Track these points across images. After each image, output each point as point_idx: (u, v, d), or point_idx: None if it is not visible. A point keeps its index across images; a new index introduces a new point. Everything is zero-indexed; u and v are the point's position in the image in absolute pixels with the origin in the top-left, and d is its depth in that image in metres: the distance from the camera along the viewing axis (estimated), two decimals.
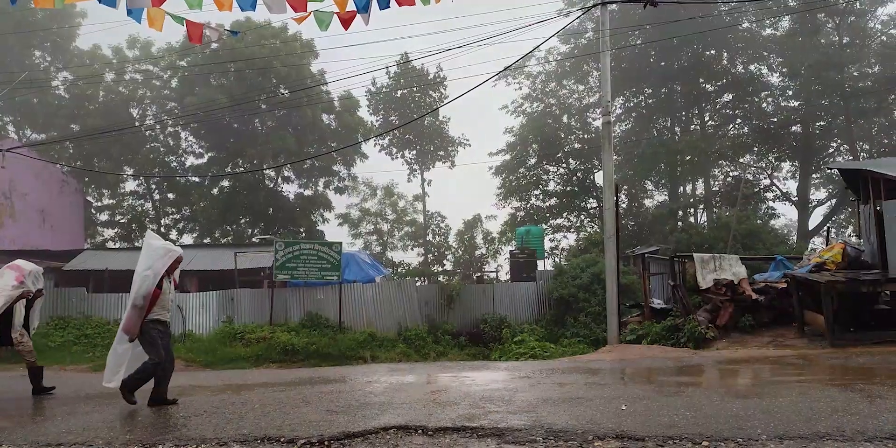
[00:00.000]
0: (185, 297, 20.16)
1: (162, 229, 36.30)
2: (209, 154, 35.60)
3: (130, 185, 36.62)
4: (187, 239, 36.48)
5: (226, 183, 35.05)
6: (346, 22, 9.04)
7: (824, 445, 4.71)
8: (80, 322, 18.99)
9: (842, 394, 6.52)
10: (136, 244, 34.13)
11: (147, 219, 36.31)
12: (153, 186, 36.12)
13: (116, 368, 7.34)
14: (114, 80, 34.16)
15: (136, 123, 33.45)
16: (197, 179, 35.15)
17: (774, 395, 6.55)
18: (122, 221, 36.05)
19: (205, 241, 34.40)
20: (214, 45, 31.38)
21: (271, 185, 35.78)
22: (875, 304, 12.14)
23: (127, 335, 7.28)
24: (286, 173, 36.19)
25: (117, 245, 35.32)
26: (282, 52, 32.24)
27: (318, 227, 36.47)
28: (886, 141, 32.11)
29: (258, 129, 34.16)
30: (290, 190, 36.93)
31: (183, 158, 36.24)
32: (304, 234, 34.25)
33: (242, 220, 35.69)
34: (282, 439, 5.37)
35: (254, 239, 32.02)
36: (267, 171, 34.81)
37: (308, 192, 36.80)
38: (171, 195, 36.39)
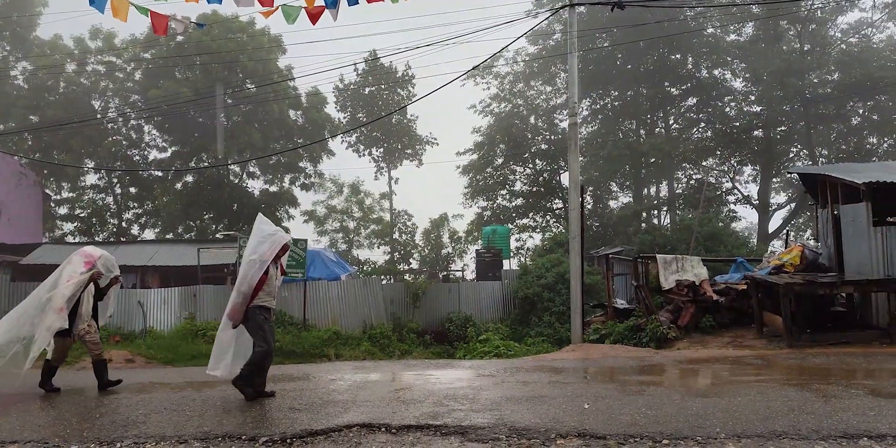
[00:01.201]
0: (147, 292, 19.86)
1: (123, 224, 35.71)
2: (173, 148, 35.07)
3: (91, 179, 35.96)
4: (149, 234, 35.98)
5: (190, 178, 34.56)
6: (314, 17, 8.99)
7: (781, 444, 4.81)
8: None
9: (798, 393, 6.66)
10: (97, 239, 33.55)
11: (108, 213, 35.66)
12: (115, 180, 35.46)
13: (221, 356, 7.19)
14: (75, 71, 33.43)
15: (98, 116, 32.81)
16: (160, 174, 34.61)
17: (733, 395, 6.67)
18: (81, 215, 35.32)
19: (167, 236, 33.91)
20: (180, 38, 30.91)
21: (236, 181, 35.38)
22: (831, 306, 12.42)
23: (231, 321, 7.13)
24: (251, 169, 35.82)
25: (77, 239, 34.60)
26: (249, 47, 31.88)
27: (283, 224, 36.12)
28: (844, 147, 32.88)
29: (224, 123, 33.74)
30: (255, 186, 36.64)
31: (146, 152, 35.64)
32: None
33: (206, 216, 35.22)
34: (243, 437, 5.31)
35: (217, 235, 31.64)
36: (232, 167, 34.41)
37: (273, 189, 36.47)
38: (133, 189, 35.76)
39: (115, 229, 35.34)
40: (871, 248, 11.49)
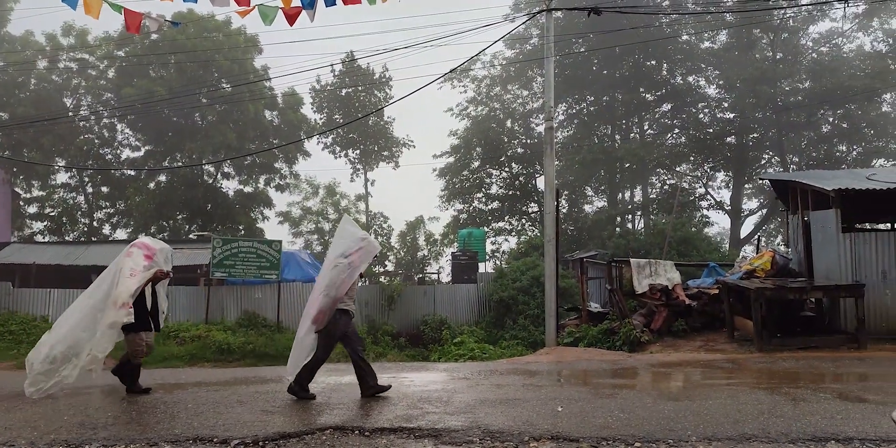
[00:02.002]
0: None
1: (94, 223, 35.22)
2: (146, 147, 34.72)
3: (62, 177, 35.44)
4: (121, 234, 35.51)
5: (163, 177, 34.22)
6: (291, 18, 8.95)
7: (751, 446, 4.87)
8: (5, 317, 18.30)
9: (768, 397, 6.75)
10: (67, 238, 33.06)
11: (79, 212, 35.14)
12: (86, 179, 34.98)
13: (304, 360, 7.06)
14: (47, 68, 32.94)
15: (70, 113, 32.35)
16: (133, 173, 34.21)
17: (704, 398, 6.74)
18: (52, 214, 34.71)
19: (140, 236, 33.47)
20: (154, 36, 30.59)
21: (210, 181, 35.07)
22: (801, 311, 12.60)
23: (315, 325, 7.02)
24: (226, 169, 35.53)
25: (46, 239, 34.05)
26: (225, 46, 31.64)
27: (257, 225, 35.92)
28: (815, 154, 33.41)
29: (198, 123, 33.44)
30: (229, 186, 36.36)
31: (118, 151, 35.23)
32: (242, 232, 33.67)
33: (179, 216, 34.86)
34: (215, 440, 5.27)
35: (191, 235, 31.33)
36: (206, 167, 34.10)
37: (248, 189, 36.22)
38: (104, 188, 35.32)
39: (85, 229, 34.85)
40: (840, 254, 11.69)
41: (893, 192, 11.63)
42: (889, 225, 16.24)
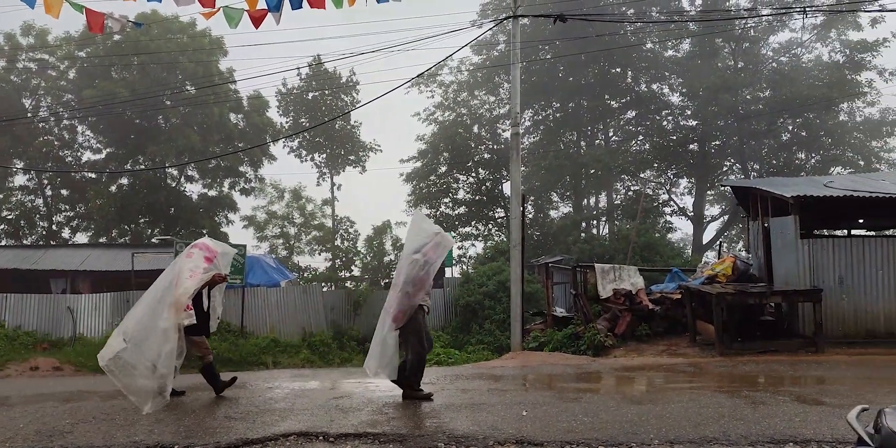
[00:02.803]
0: (77, 298, 19.24)
1: (53, 227, 34.48)
2: (107, 150, 34.08)
3: (20, 180, 34.58)
4: (81, 238, 34.80)
5: (125, 180, 33.62)
6: (257, 20, 8.88)
7: None
8: None
9: (729, 400, 6.86)
10: (24, 242, 32.34)
11: (37, 215, 34.38)
12: (45, 181, 34.24)
13: (387, 359, 6.96)
14: (5, 68, 32.22)
15: (29, 114, 31.67)
16: (93, 175, 33.58)
17: (667, 402, 6.82)
18: (9, 217, 33.93)
19: (100, 240, 32.88)
20: (117, 37, 30.12)
21: (173, 185, 34.59)
22: (761, 316, 12.82)
23: (395, 323, 6.93)
24: (190, 172, 35.06)
25: (3, 242, 33.26)
26: (189, 48, 31.27)
27: (221, 229, 35.46)
28: (775, 162, 34.07)
29: (161, 125, 32.98)
30: (193, 190, 35.84)
31: (79, 153, 34.56)
32: (206, 236, 33.18)
33: (141, 220, 34.31)
34: (176, 446, 5.20)
35: (153, 239, 30.85)
36: (169, 170, 33.64)
37: (212, 193, 35.76)
38: (64, 191, 34.60)
39: (44, 232, 34.13)
40: (798, 260, 11.93)
41: (850, 199, 11.91)
42: (846, 231, 16.62)
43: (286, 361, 16.62)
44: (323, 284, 24.53)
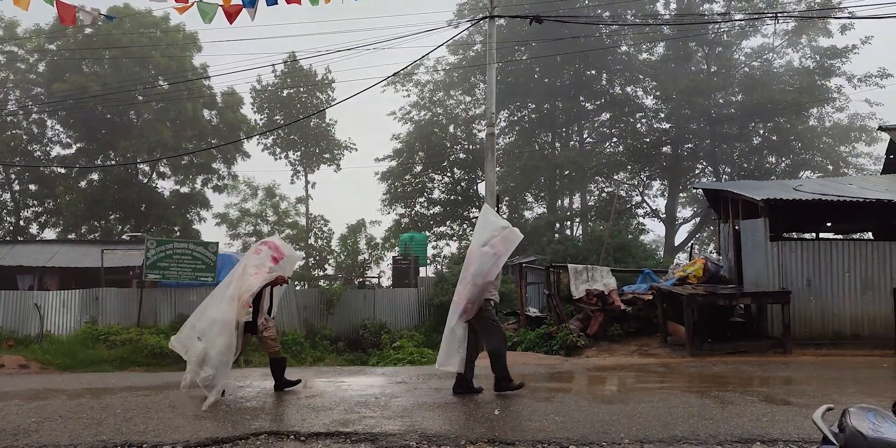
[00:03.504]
0: (45, 295, 18.94)
1: (21, 222, 33.87)
2: (78, 144, 33.55)
3: None
4: (50, 234, 34.23)
5: (95, 176, 33.14)
6: (231, 16, 8.82)
7: None
8: None
9: (698, 400, 6.94)
10: None
11: (4, 211, 33.75)
12: (13, 176, 33.60)
13: (454, 351, 6.97)
14: None
15: None
16: (63, 171, 33.05)
17: (637, 401, 6.88)
18: None
19: (69, 236, 32.36)
20: (88, 30, 29.67)
21: (145, 181, 34.17)
22: (731, 317, 12.98)
23: (465, 315, 6.89)
24: (162, 168, 34.67)
25: None
26: (162, 43, 30.90)
27: (194, 227, 35.11)
28: (746, 165, 34.55)
29: (133, 121, 32.54)
30: (165, 186, 35.45)
31: (48, 148, 33.95)
32: (178, 233, 32.88)
33: (112, 216, 33.83)
34: (144, 446, 5.14)
35: (124, 236, 30.46)
36: (141, 166, 33.22)
37: (185, 190, 35.38)
38: (32, 186, 33.97)
39: (11, 228, 33.50)
40: (768, 262, 12.10)
41: (818, 202, 12.12)
42: (814, 234, 16.90)
43: (258, 360, 16.46)
44: (296, 283, 24.36)
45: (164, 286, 19.59)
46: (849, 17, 28.10)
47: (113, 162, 32.22)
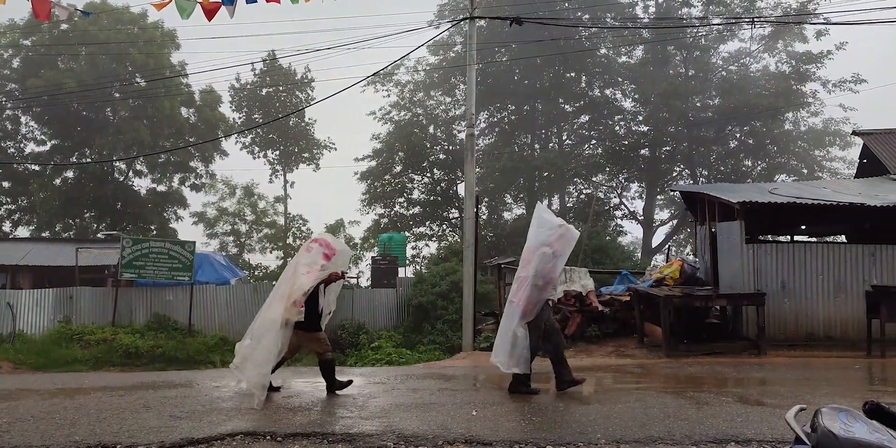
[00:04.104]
0: (18, 293, 18.68)
1: None
2: (53, 141, 33.13)
3: None
4: (23, 231, 33.76)
5: (70, 173, 32.74)
6: (210, 13, 8.75)
7: None
8: None
9: (674, 400, 7.00)
10: None
11: None
12: None
13: (518, 353, 6.91)
14: None
15: None
16: (37, 168, 32.60)
17: (614, 402, 6.93)
18: None
19: (43, 234, 31.92)
20: (64, 26, 29.31)
21: (121, 179, 33.80)
22: (707, 318, 13.11)
23: (525, 317, 6.82)
24: (138, 166, 34.31)
25: None
26: (140, 40, 30.59)
27: (170, 225, 34.82)
28: (723, 168, 34.88)
29: (109, 118, 32.18)
30: (141, 184, 35.14)
31: (22, 145, 33.51)
32: (155, 232, 32.57)
33: (87, 214, 33.46)
34: (118, 446, 5.08)
35: (99, 235, 30.10)
36: (117, 164, 32.87)
37: (161, 188, 35.08)
38: (6, 183, 33.50)
39: None
40: (743, 264, 12.24)
41: (793, 205, 12.28)
42: (789, 237, 17.11)
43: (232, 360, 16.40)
44: (274, 283, 24.23)
45: (140, 285, 19.40)
46: (824, 23, 28.44)
47: (88, 159, 31.87)
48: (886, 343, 10.74)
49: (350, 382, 7.82)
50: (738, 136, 34.38)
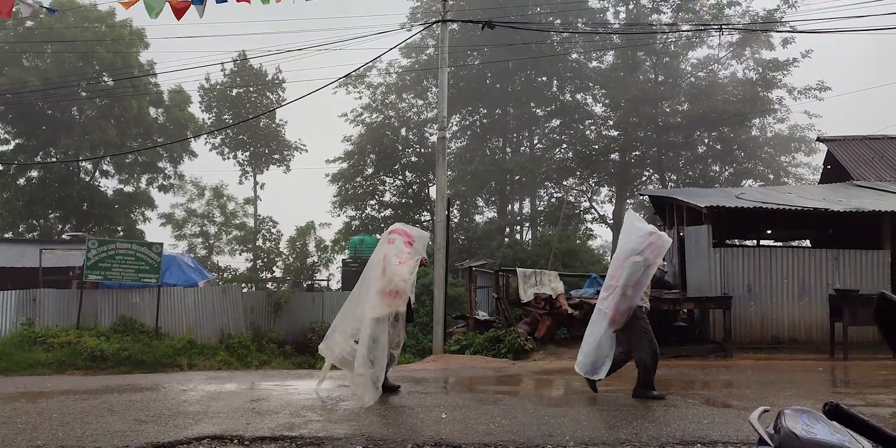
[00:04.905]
0: None
1: None
2: (16, 141, 32.48)
3: None
4: None
5: (34, 173, 32.12)
6: (179, 12, 8.66)
7: None
8: None
9: (642, 403, 7.06)
10: None
11: None
12: None
13: (602, 360, 6.94)
14: None
15: None
16: (0, 167, 31.95)
17: (583, 404, 6.97)
18: None
19: (6, 235, 31.27)
20: (30, 23, 28.79)
21: (87, 179, 33.25)
22: (675, 321, 13.25)
23: (613, 325, 6.82)
24: (105, 167, 33.79)
25: None
26: (108, 38, 30.15)
27: (138, 227, 34.32)
28: (691, 173, 35.36)
29: (76, 117, 31.65)
30: (108, 185, 34.58)
31: None
32: (121, 233, 32.10)
33: (52, 215, 32.85)
34: None
35: (64, 235, 29.57)
36: (83, 164, 32.34)
37: (129, 189, 34.58)
38: None
39: None
40: (711, 268, 12.40)
41: (759, 210, 12.47)
42: (755, 241, 17.38)
43: (202, 363, 16.18)
44: (243, 285, 23.95)
45: (106, 287, 19.08)
46: (790, 31, 29.03)
47: (53, 159, 31.31)
48: (849, 346, 10.94)
49: (398, 387, 7.80)
50: (706, 141, 34.85)
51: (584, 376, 7.31)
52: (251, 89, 34.75)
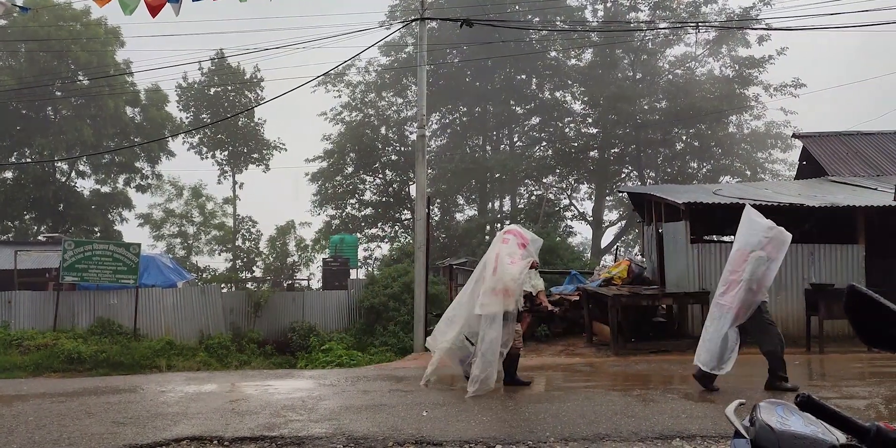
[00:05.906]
0: None
1: None
2: None
3: None
4: None
5: (9, 174, 31.67)
6: (154, 9, 8.56)
7: (604, 445, 5.12)
8: None
9: (621, 398, 7.11)
10: None
11: None
12: None
13: (727, 355, 6.97)
14: None
15: None
16: None
17: (563, 400, 7.01)
18: None
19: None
20: (2, 21, 28.38)
21: (63, 180, 32.85)
22: (654, 317, 13.35)
23: (737, 320, 6.85)
24: (81, 167, 33.39)
25: None
26: (83, 37, 29.79)
27: (115, 227, 33.95)
28: (669, 170, 35.61)
29: (51, 117, 31.26)
30: (84, 185, 34.14)
31: None
32: (98, 234, 31.74)
33: (27, 216, 32.43)
34: None
35: (40, 237, 29.20)
36: (59, 164, 31.94)
37: (106, 189, 34.17)
38: None
39: None
40: (689, 264, 12.50)
41: (737, 206, 12.58)
42: (732, 237, 17.52)
43: (182, 364, 16.06)
44: (223, 285, 23.79)
45: (83, 289, 18.88)
46: (766, 29, 29.35)
47: (28, 160, 30.90)
48: (825, 339, 11.08)
49: (529, 383, 8.00)
50: (684, 138, 35.11)
51: (704, 373, 7.36)
52: (229, 88, 34.48)
